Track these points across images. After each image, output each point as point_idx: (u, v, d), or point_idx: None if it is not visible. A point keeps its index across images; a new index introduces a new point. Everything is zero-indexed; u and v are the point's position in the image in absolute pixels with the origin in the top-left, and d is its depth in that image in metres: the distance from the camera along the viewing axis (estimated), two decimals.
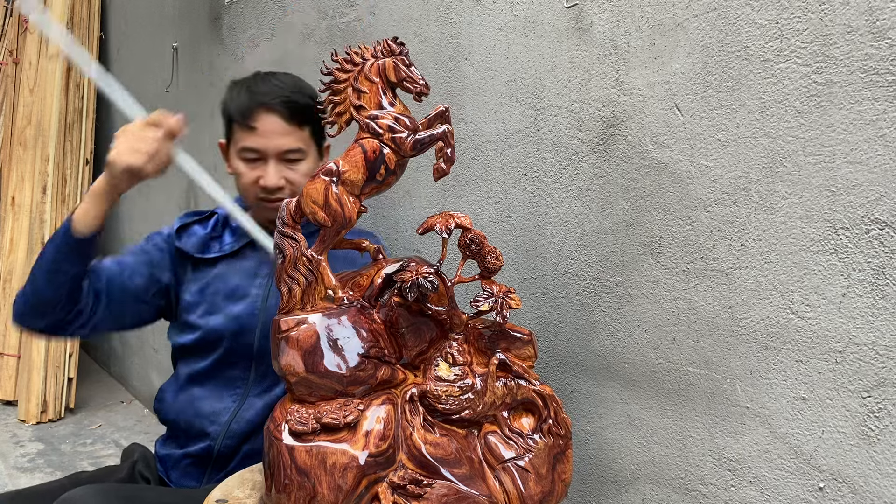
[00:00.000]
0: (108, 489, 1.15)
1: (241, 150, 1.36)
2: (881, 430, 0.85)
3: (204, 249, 1.43)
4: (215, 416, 1.38)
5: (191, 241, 1.43)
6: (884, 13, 0.82)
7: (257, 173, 1.35)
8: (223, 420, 1.37)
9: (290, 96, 1.34)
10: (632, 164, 1.10)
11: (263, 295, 1.39)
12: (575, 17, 1.17)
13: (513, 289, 1.05)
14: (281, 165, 1.35)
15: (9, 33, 3.62)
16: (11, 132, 3.52)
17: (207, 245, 1.44)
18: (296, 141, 1.35)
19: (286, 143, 1.34)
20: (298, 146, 1.35)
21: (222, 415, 1.37)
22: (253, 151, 1.35)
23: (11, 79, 3.58)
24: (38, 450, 2.78)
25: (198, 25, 2.50)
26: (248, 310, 1.38)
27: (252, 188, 1.36)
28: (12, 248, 3.32)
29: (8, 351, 3.23)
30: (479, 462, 1.02)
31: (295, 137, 1.35)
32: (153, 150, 1.25)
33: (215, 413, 1.38)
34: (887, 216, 0.83)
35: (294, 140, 1.35)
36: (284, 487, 0.94)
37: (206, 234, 1.45)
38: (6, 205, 3.37)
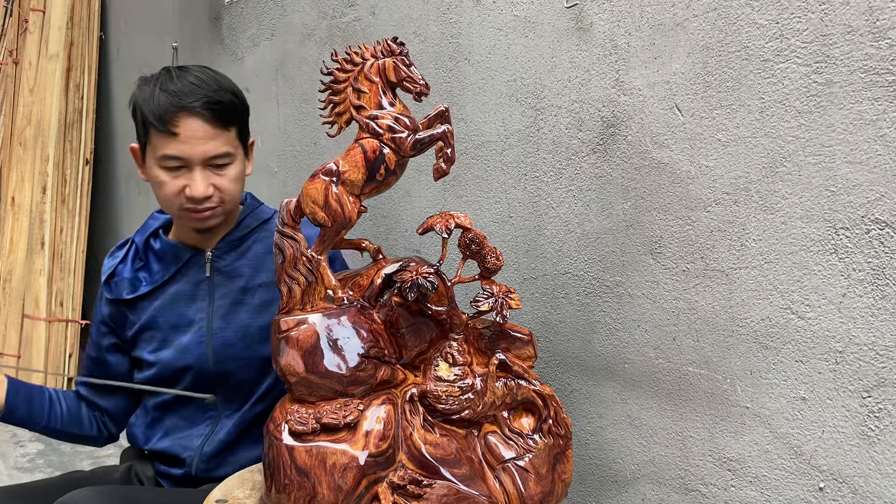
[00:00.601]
0: (109, 490, 1.14)
1: (162, 157, 1.23)
2: (881, 430, 0.85)
3: (134, 288, 1.36)
4: (189, 442, 1.34)
5: (120, 287, 1.36)
6: (884, 13, 0.82)
7: (181, 182, 1.24)
8: (195, 445, 1.33)
9: (212, 96, 1.23)
10: (632, 164, 1.10)
11: (207, 318, 1.33)
12: (575, 17, 1.17)
13: (513, 289, 1.05)
14: (207, 172, 1.24)
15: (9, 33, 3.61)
16: (11, 132, 3.52)
17: (136, 281, 1.37)
18: (223, 145, 1.24)
19: (212, 148, 1.22)
20: (226, 150, 1.24)
21: (195, 439, 1.34)
22: (176, 159, 1.22)
23: (11, 79, 3.58)
24: (38, 450, 2.78)
25: (198, 25, 2.50)
26: (195, 338, 1.33)
27: (177, 198, 1.25)
28: (12, 248, 3.32)
29: (8, 351, 3.23)
30: (479, 462, 1.02)
31: (221, 141, 1.24)
32: None
33: (188, 438, 1.34)
34: (887, 216, 0.83)
35: (221, 144, 1.23)
36: (284, 487, 0.94)
37: (132, 271, 1.37)
38: (6, 205, 3.37)
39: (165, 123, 1.20)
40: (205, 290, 1.35)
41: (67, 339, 3.18)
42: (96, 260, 3.67)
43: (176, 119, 1.20)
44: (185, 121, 1.21)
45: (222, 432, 1.34)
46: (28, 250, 3.26)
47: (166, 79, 1.26)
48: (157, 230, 1.41)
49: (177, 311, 1.34)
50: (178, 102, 1.21)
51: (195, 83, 1.24)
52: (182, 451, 1.34)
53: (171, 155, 1.22)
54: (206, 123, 1.22)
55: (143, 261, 1.38)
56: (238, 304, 1.33)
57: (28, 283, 3.21)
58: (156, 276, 1.36)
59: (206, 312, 1.34)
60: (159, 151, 1.23)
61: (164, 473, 1.37)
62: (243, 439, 1.33)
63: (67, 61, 3.33)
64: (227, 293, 1.34)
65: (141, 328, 1.35)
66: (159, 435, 1.36)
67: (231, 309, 1.33)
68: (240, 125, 1.29)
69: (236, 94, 1.29)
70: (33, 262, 3.19)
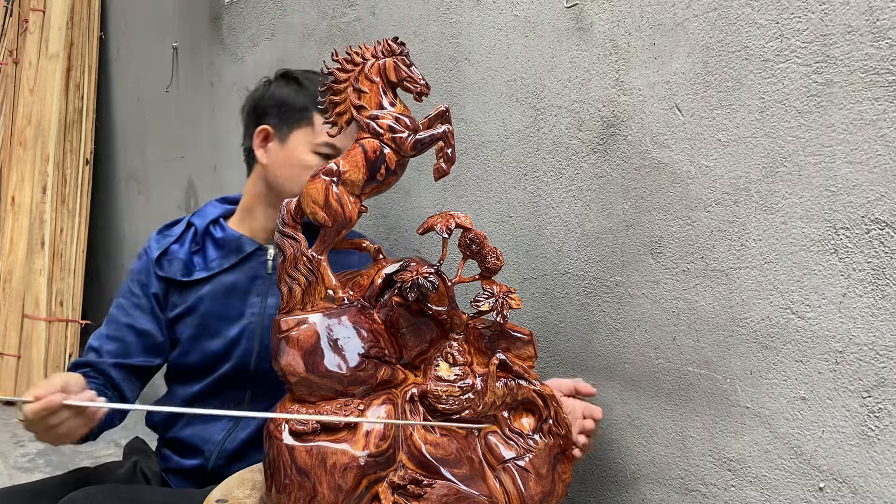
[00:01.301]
0: (111, 490, 1.15)
1: (324, 144, 1.30)
2: (881, 430, 0.85)
3: (188, 271, 1.36)
4: (210, 435, 1.35)
5: (173, 267, 1.36)
6: (884, 13, 0.82)
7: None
8: (217, 439, 1.35)
9: None
10: (632, 164, 1.10)
11: (259, 314, 1.35)
12: (575, 17, 1.17)
13: (513, 289, 1.05)
14: None
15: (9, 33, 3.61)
16: (11, 132, 3.52)
17: (191, 264, 1.37)
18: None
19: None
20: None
21: (217, 434, 1.35)
22: (334, 148, 1.30)
23: (11, 79, 3.58)
24: (37, 450, 2.78)
25: (198, 25, 2.50)
26: (244, 332, 1.34)
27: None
28: (12, 248, 3.32)
29: (8, 351, 3.23)
30: (479, 462, 1.02)
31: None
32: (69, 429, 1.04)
33: (210, 432, 1.35)
34: (887, 216, 0.83)
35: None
36: (284, 487, 0.94)
37: (187, 253, 1.37)
38: (6, 205, 3.37)
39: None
40: (261, 286, 1.36)
41: (67, 338, 3.18)
42: (96, 260, 3.68)
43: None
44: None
45: (245, 431, 1.35)
46: (28, 250, 3.26)
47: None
48: (218, 219, 1.42)
49: (227, 303, 1.35)
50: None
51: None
52: (202, 442, 1.35)
53: (334, 144, 1.29)
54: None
55: (199, 245, 1.39)
56: None
57: (28, 283, 3.21)
58: (211, 264, 1.37)
59: (259, 308, 1.36)
60: (321, 138, 1.29)
61: (173, 468, 1.37)
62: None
63: (67, 61, 3.33)
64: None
65: (185, 311, 1.35)
66: (182, 423, 1.38)
67: None
68: None
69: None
70: (33, 262, 3.19)
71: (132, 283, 1.38)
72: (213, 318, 1.35)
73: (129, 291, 1.37)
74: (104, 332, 1.36)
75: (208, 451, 1.35)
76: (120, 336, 1.35)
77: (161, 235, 1.41)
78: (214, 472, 1.33)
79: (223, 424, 1.35)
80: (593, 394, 1.10)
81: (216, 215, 1.43)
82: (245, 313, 1.35)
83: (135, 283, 1.37)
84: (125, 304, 1.37)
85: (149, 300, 1.35)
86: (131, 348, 1.34)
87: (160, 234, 1.42)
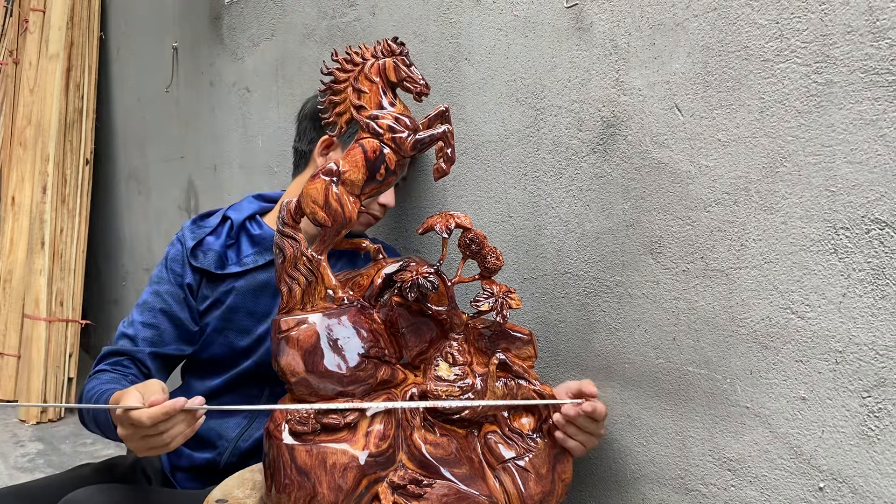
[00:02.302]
0: (111, 490, 1.14)
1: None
2: (881, 430, 0.85)
3: (222, 264, 1.36)
4: (224, 431, 1.35)
5: (208, 259, 1.35)
6: (884, 13, 0.82)
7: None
8: (231, 436, 1.34)
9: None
10: (632, 164, 1.10)
11: None
12: (575, 17, 1.17)
13: (513, 289, 1.05)
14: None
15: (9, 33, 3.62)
16: (11, 132, 3.52)
17: (224, 257, 1.37)
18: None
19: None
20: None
21: (232, 430, 1.35)
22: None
23: (11, 79, 3.58)
24: (38, 450, 2.78)
25: (198, 25, 2.50)
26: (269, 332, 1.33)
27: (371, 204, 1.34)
28: (12, 248, 3.32)
29: (8, 351, 3.23)
30: (479, 462, 1.02)
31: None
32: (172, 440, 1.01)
33: (225, 428, 1.35)
34: (887, 216, 0.83)
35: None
36: (284, 487, 0.94)
37: (222, 246, 1.37)
38: (6, 205, 3.37)
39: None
40: None
41: (67, 338, 3.18)
42: (96, 260, 3.68)
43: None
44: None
45: (260, 430, 1.34)
46: (28, 250, 3.26)
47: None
48: (254, 215, 1.42)
49: (258, 300, 1.35)
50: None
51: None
52: (216, 437, 1.34)
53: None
54: None
55: (233, 239, 1.38)
56: None
57: (28, 283, 3.21)
58: (245, 259, 1.36)
59: None
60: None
61: (183, 466, 1.37)
62: None
63: (67, 61, 3.33)
64: None
65: (213, 303, 1.35)
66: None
67: None
68: None
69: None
70: (33, 262, 3.19)
71: (166, 271, 1.36)
72: (242, 313, 1.35)
73: (162, 278, 1.36)
74: (137, 319, 1.33)
75: (222, 446, 1.34)
76: (155, 322, 1.32)
77: (196, 226, 1.40)
78: (225, 469, 1.33)
79: (238, 421, 1.35)
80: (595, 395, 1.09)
81: (252, 211, 1.42)
82: (274, 311, 1.35)
83: (169, 271, 1.36)
84: (160, 291, 1.34)
85: (182, 290, 1.34)
86: (165, 336, 1.32)
87: (195, 223, 1.41)
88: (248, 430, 1.35)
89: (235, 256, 1.37)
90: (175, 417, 0.97)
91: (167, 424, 0.97)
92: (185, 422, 0.99)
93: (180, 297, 1.34)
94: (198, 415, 1.00)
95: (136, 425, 0.96)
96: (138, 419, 0.95)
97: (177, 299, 1.34)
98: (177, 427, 0.98)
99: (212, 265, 1.35)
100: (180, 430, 0.98)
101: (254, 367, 1.35)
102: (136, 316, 1.33)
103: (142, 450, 1.00)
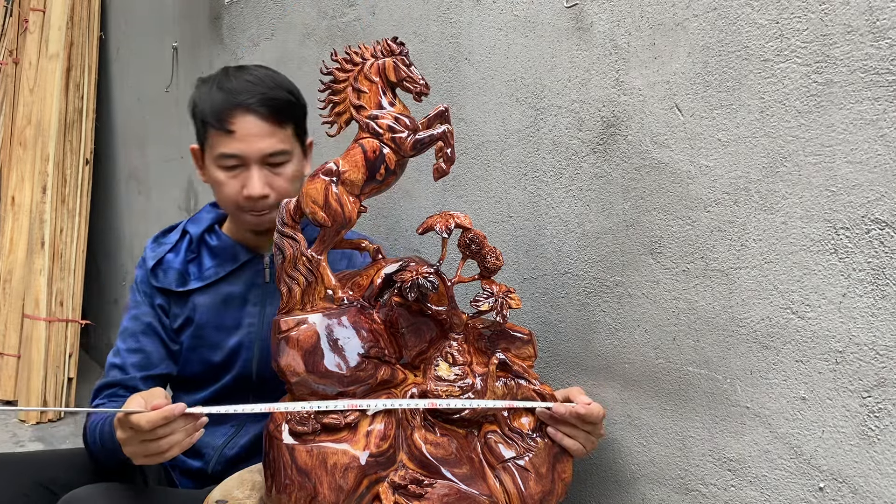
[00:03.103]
0: (111, 489, 1.14)
1: (220, 156, 1.23)
2: (881, 430, 0.85)
3: (183, 281, 1.33)
4: (211, 440, 1.34)
5: (168, 277, 1.33)
6: (884, 13, 0.82)
7: (239, 182, 1.24)
8: (217, 444, 1.34)
9: (267, 93, 1.22)
10: (632, 164, 1.10)
11: (258, 324, 1.33)
12: (575, 17, 1.17)
13: (513, 289, 1.05)
14: (265, 171, 1.23)
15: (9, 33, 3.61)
16: (11, 132, 3.52)
17: (186, 273, 1.34)
18: (279, 142, 1.23)
19: (269, 145, 1.22)
20: (282, 148, 1.24)
21: (218, 439, 1.34)
22: (233, 158, 1.22)
23: (11, 79, 3.58)
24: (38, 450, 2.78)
25: (198, 25, 2.50)
26: (243, 341, 1.33)
27: (235, 198, 1.25)
28: (12, 248, 3.32)
29: (8, 351, 3.23)
30: (479, 462, 1.02)
31: (278, 138, 1.23)
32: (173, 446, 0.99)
33: (212, 437, 1.34)
34: (887, 216, 0.83)
35: (277, 141, 1.23)
36: (285, 488, 0.94)
37: (182, 262, 1.35)
38: (6, 205, 3.37)
39: (222, 121, 1.21)
40: (258, 295, 1.34)
41: (67, 338, 3.18)
42: (96, 260, 3.67)
43: (232, 116, 1.20)
44: (241, 118, 1.21)
45: (246, 437, 1.34)
46: (28, 250, 3.26)
47: (223, 78, 1.26)
48: (213, 225, 1.39)
49: (224, 312, 1.33)
50: (234, 100, 1.21)
51: (252, 81, 1.24)
52: (204, 446, 1.34)
53: (228, 153, 1.22)
54: (262, 121, 1.21)
55: (194, 253, 1.36)
56: None
57: (28, 283, 3.21)
58: (206, 273, 1.34)
59: (257, 319, 1.33)
60: (217, 150, 1.23)
61: (179, 464, 1.37)
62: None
63: (67, 61, 3.33)
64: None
65: (184, 322, 1.33)
66: None
67: None
68: (296, 123, 1.28)
69: (293, 93, 1.28)
70: (33, 262, 3.19)
71: (138, 294, 1.35)
72: (211, 328, 1.33)
73: (137, 302, 1.35)
74: (122, 347, 1.32)
75: (208, 455, 1.34)
76: (139, 347, 1.31)
77: (156, 244, 1.38)
78: (215, 476, 1.32)
79: (224, 430, 1.34)
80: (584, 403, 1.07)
81: (210, 221, 1.39)
82: (243, 323, 1.33)
83: (140, 294, 1.35)
84: (138, 314, 1.33)
85: (154, 310, 1.33)
86: (153, 357, 1.31)
87: (155, 241, 1.39)
88: (233, 438, 1.34)
89: (197, 271, 1.35)
90: (174, 424, 0.96)
91: (166, 430, 0.96)
92: (184, 431, 0.98)
93: (156, 318, 1.33)
94: (198, 424, 1.00)
95: (135, 429, 0.96)
96: (137, 423, 0.95)
97: (154, 320, 1.33)
98: (175, 435, 0.97)
99: (172, 283, 1.33)
100: (178, 438, 0.98)
101: (233, 381, 1.34)
102: (120, 344, 1.32)
103: (139, 455, 0.99)
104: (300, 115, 1.30)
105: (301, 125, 1.30)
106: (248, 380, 1.34)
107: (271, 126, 1.22)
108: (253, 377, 1.34)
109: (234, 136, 1.21)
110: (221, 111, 1.21)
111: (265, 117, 1.22)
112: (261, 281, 1.35)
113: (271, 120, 1.22)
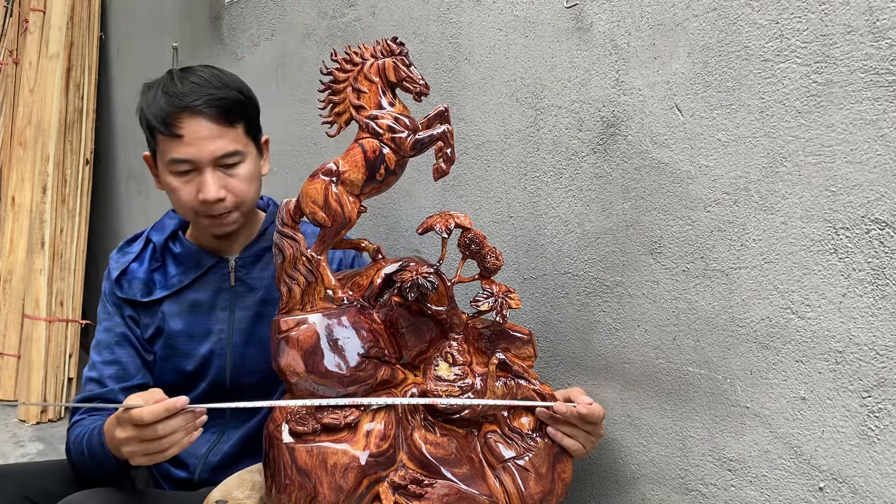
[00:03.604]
0: (109, 493, 1.14)
1: (171, 162, 1.20)
2: (881, 430, 0.85)
3: (149, 290, 1.30)
4: (194, 449, 1.31)
5: (133, 288, 1.30)
6: (884, 13, 0.82)
7: (194, 187, 1.20)
8: (201, 453, 1.32)
9: (214, 93, 1.19)
10: (632, 164, 1.10)
11: (228, 330, 1.31)
12: (575, 17, 1.17)
13: (513, 289, 1.05)
14: (218, 173, 1.20)
15: (9, 33, 3.61)
16: (11, 132, 3.52)
17: (151, 283, 1.31)
18: (230, 143, 1.20)
19: (219, 147, 1.19)
20: (234, 148, 1.20)
21: (201, 447, 1.32)
22: (184, 163, 1.19)
23: (11, 79, 3.58)
24: (38, 450, 2.78)
25: (198, 25, 2.50)
26: (215, 349, 1.30)
27: (191, 204, 1.22)
28: (12, 248, 3.32)
29: (8, 351, 3.23)
30: (479, 461, 1.02)
31: (228, 139, 1.20)
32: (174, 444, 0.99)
33: (195, 446, 1.28)
34: (887, 216, 0.83)
35: (228, 142, 1.20)
36: (285, 488, 0.94)
37: (147, 272, 1.31)
38: (6, 205, 3.37)
39: (169, 126, 1.18)
40: (225, 300, 1.31)
41: (67, 339, 3.18)
42: (96, 260, 3.67)
43: (179, 120, 1.17)
44: (188, 121, 1.17)
45: (228, 443, 1.32)
46: (28, 250, 3.26)
47: (168, 81, 1.23)
48: (176, 231, 1.36)
49: (194, 320, 1.30)
50: (179, 103, 1.17)
51: (197, 83, 1.21)
52: (187, 455, 1.32)
53: (178, 158, 1.19)
54: (210, 122, 1.18)
55: (159, 262, 1.33)
56: (259, 317, 1.31)
57: (28, 283, 3.21)
58: (172, 280, 1.31)
59: (227, 324, 1.31)
60: (167, 156, 1.20)
61: (165, 474, 1.36)
62: (248, 452, 1.32)
63: (67, 61, 3.33)
64: (249, 305, 1.31)
65: (155, 332, 1.31)
66: None
67: (252, 321, 1.31)
68: (247, 122, 1.25)
69: (241, 91, 1.25)
70: (33, 262, 3.19)
71: (108, 305, 1.32)
72: (182, 337, 1.30)
73: (108, 313, 1.32)
74: (97, 360, 1.29)
75: (192, 464, 1.32)
76: (114, 358, 1.29)
77: (120, 254, 1.35)
78: (201, 485, 1.31)
79: (207, 437, 1.32)
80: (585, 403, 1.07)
81: (174, 228, 1.36)
82: (213, 329, 1.30)
83: (110, 305, 1.32)
84: (109, 326, 1.30)
85: (124, 320, 1.30)
86: (129, 367, 1.29)
87: (119, 251, 1.35)
88: (216, 444, 1.32)
89: (163, 279, 1.32)
90: (174, 421, 0.96)
91: (166, 427, 0.96)
92: (184, 429, 0.98)
93: (126, 328, 1.30)
94: (198, 423, 0.99)
95: (137, 425, 0.95)
96: (140, 417, 0.94)
97: (127, 329, 1.30)
98: (176, 433, 0.97)
99: (137, 294, 1.30)
100: (178, 437, 0.97)
101: (208, 388, 1.31)
102: (94, 357, 1.30)
103: (138, 455, 0.99)
104: (251, 113, 1.27)
105: (253, 123, 1.27)
106: (223, 388, 1.31)
107: (221, 127, 1.19)
108: (227, 384, 1.31)
109: (182, 140, 1.18)
110: (168, 116, 1.18)
111: (213, 118, 1.19)
112: (227, 285, 1.32)
113: (220, 121, 1.19)
